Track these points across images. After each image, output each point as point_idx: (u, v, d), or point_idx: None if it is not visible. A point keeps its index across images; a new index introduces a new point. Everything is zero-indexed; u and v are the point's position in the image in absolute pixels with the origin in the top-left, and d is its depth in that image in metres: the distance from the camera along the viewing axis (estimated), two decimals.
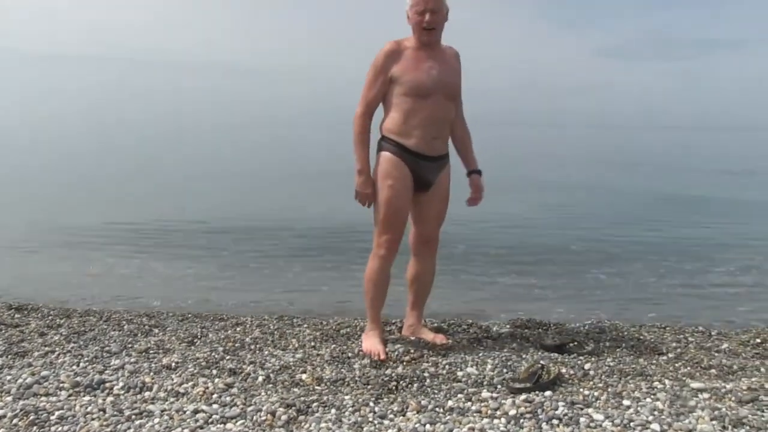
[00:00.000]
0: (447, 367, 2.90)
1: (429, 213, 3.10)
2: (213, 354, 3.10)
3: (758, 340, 3.52)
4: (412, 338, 3.28)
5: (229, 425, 2.28)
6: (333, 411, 2.38)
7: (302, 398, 2.49)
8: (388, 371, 2.84)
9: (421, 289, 3.31)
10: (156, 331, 3.58)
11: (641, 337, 3.55)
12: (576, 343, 3.29)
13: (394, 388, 2.66)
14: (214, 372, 2.83)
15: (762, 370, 2.96)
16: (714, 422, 2.27)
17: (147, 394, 2.58)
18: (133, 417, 2.33)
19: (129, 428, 2.25)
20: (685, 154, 25.56)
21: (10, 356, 3.04)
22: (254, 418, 2.32)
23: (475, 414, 2.38)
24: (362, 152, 2.95)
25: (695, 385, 2.69)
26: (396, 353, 3.07)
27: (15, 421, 2.28)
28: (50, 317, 3.85)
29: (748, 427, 2.24)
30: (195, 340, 3.39)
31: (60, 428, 2.25)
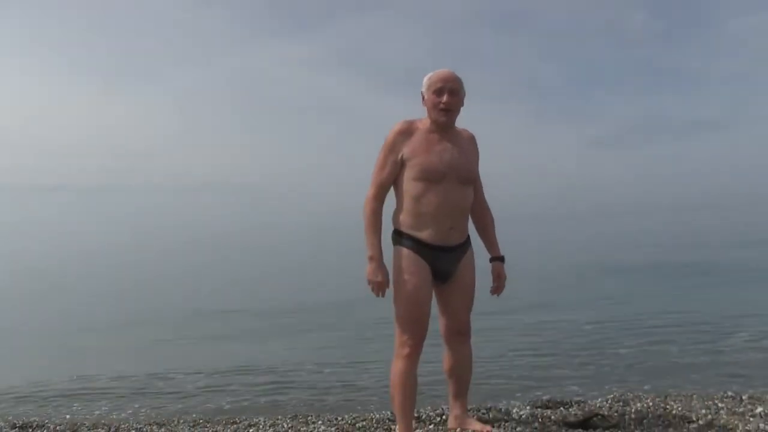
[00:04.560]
0: None
1: (455, 303, 2.86)
2: None
3: None
4: (459, 430, 3.01)
5: None
6: None
7: None
8: None
9: (461, 379, 3.00)
10: None
11: (667, 407, 3.40)
12: (601, 416, 3.16)
13: None
14: None
15: None
16: None
17: None
18: None
19: None
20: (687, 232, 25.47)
21: None
22: None
23: None
24: (373, 237, 2.71)
25: None
26: None
27: None
28: None
29: None
30: None
31: None
